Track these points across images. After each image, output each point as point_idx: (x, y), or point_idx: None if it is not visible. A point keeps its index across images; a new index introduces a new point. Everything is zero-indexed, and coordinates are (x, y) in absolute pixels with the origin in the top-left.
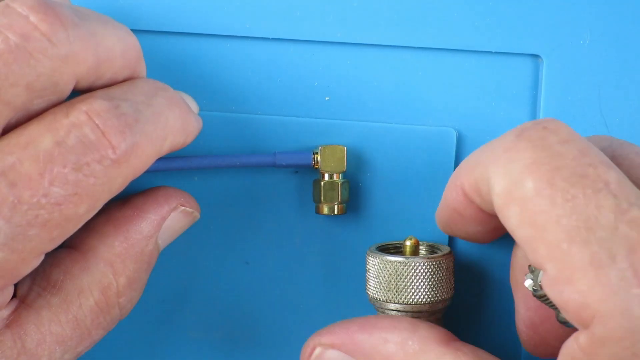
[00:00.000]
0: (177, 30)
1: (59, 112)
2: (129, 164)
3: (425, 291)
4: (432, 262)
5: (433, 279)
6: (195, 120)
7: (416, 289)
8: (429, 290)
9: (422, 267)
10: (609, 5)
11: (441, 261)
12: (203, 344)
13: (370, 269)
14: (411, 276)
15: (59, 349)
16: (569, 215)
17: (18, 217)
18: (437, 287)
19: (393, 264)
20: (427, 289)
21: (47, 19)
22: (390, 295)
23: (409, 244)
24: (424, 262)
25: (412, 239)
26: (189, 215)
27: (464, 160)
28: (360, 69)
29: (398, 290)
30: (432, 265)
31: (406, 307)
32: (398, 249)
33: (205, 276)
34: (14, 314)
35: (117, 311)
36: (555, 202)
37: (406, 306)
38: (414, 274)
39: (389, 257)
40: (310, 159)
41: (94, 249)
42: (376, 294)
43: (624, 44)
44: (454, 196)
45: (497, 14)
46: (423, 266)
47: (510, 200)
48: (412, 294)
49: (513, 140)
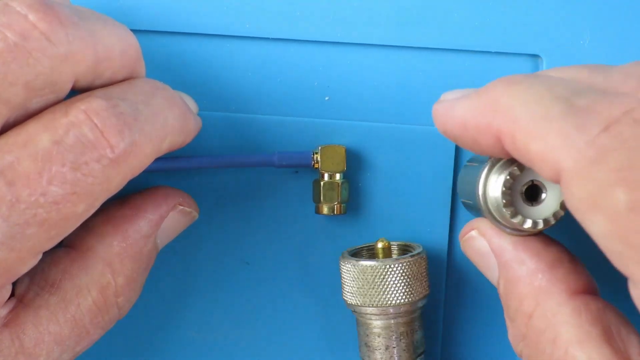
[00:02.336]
0: (177, 30)
1: (57, 111)
2: (128, 163)
3: (401, 292)
4: (404, 263)
5: (407, 279)
6: (195, 120)
7: (391, 291)
8: (405, 291)
9: (394, 269)
10: (609, 5)
11: (413, 261)
12: (203, 344)
13: (344, 275)
14: (385, 279)
15: (57, 348)
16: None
17: (16, 216)
18: (412, 287)
19: (366, 268)
20: (402, 289)
21: (46, 18)
22: (366, 299)
23: (380, 246)
24: (396, 264)
25: (384, 241)
26: (187, 215)
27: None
28: (360, 69)
29: (373, 294)
30: (405, 266)
31: (383, 310)
32: (370, 251)
33: (205, 276)
34: (12, 313)
35: (115, 311)
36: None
37: (383, 309)
38: (387, 277)
39: (361, 262)
40: (310, 159)
41: (93, 249)
42: (352, 299)
43: (624, 44)
44: (480, 133)
45: (497, 14)
46: (396, 268)
47: (594, 207)
48: (388, 296)
49: (599, 135)
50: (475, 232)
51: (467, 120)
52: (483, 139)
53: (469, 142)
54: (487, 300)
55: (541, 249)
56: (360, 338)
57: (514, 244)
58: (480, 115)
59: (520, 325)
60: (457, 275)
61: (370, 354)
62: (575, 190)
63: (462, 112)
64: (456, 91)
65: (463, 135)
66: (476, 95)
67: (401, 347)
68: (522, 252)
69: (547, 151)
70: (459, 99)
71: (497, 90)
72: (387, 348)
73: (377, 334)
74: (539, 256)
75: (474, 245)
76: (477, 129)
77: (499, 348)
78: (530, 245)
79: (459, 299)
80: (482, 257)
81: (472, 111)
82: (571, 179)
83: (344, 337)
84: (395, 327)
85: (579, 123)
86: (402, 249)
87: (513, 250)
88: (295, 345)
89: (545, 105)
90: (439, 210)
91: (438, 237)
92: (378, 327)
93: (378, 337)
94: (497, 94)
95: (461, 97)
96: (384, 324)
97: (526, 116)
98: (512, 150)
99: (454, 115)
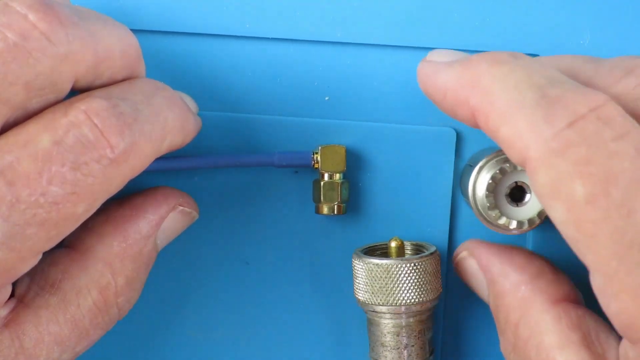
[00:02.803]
0: (177, 30)
1: (57, 111)
2: (128, 163)
3: (413, 292)
4: (418, 262)
5: (420, 279)
6: (194, 120)
7: (404, 290)
8: (417, 291)
9: (408, 269)
10: (609, 5)
11: (427, 261)
12: (203, 344)
13: (357, 273)
14: (398, 278)
15: (57, 348)
16: (623, 234)
17: (16, 216)
18: (424, 287)
19: (379, 267)
20: (415, 289)
21: (46, 18)
22: (379, 298)
23: (393, 245)
24: (410, 264)
25: (397, 240)
26: (187, 215)
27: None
28: (360, 69)
29: (386, 293)
30: (419, 266)
31: (395, 309)
32: (384, 250)
33: (205, 276)
34: (12, 313)
35: (115, 311)
36: (609, 215)
37: (395, 307)
38: (401, 276)
39: (375, 260)
40: (310, 159)
41: (93, 249)
42: (364, 297)
43: (624, 44)
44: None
45: (497, 14)
46: (409, 267)
47: (556, 196)
48: (401, 295)
49: (564, 129)
50: (466, 253)
51: (448, 90)
52: (460, 110)
53: (447, 110)
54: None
55: (525, 263)
56: (375, 338)
57: (500, 259)
58: (460, 89)
59: (509, 335)
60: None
61: (387, 353)
62: (539, 178)
63: (444, 81)
64: (443, 52)
65: (442, 102)
66: (460, 68)
67: (419, 346)
68: (507, 266)
69: (515, 137)
70: (443, 66)
71: (480, 68)
72: (405, 347)
73: (395, 332)
74: (523, 269)
75: (465, 265)
76: (456, 100)
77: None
78: (515, 259)
79: (459, 299)
80: (473, 276)
81: (453, 83)
82: (536, 166)
83: (344, 337)
84: (415, 326)
85: (548, 114)
86: (415, 248)
87: (499, 265)
88: (295, 345)
89: (521, 92)
90: (439, 210)
91: (438, 237)
92: (397, 325)
93: (397, 336)
94: (480, 72)
95: (446, 63)
96: (402, 323)
97: (502, 100)
98: (485, 129)
99: (436, 81)
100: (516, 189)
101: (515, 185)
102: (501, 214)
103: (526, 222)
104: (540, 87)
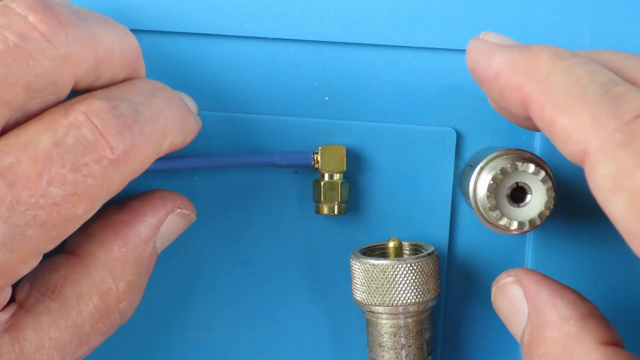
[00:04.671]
0: (177, 30)
1: (57, 113)
2: (128, 164)
3: (411, 292)
4: (415, 263)
5: (417, 279)
6: (195, 120)
7: (401, 290)
8: (415, 291)
9: (405, 269)
10: (608, 5)
11: (424, 261)
12: (204, 345)
13: (355, 273)
14: (395, 279)
15: (58, 354)
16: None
17: (16, 218)
18: (422, 288)
19: (376, 267)
20: (412, 290)
21: (46, 19)
22: (376, 298)
23: (391, 245)
24: (406, 264)
25: (395, 240)
26: (185, 218)
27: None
28: (360, 69)
29: (383, 293)
30: (416, 266)
31: (392, 310)
32: (383, 250)
33: (205, 276)
34: (13, 318)
35: (117, 316)
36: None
37: (392, 308)
38: (397, 277)
39: (371, 261)
40: (310, 159)
41: (93, 255)
42: (362, 297)
43: (624, 44)
44: (509, 90)
45: (497, 14)
46: (406, 268)
47: (617, 188)
48: (398, 296)
49: (629, 122)
50: (510, 279)
51: (502, 72)
52: (510, 96)
53: (494, 92)
54: (487, 300)
55: (576, 300)
56: (373, 338)
57: (551, 291)
58: (516, 74)
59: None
60: (457, 275)
61: (384, 354)
62: (600, 170)
63: (499, 63)
64: (498, 35)
65: (491, 84)
66: (518, 53)
67: (416, 346)
68: (557, 298)
69: (575, 128)
70: (499, 47)
71: (540, 57)
72: (403, 347)
73: (392, 333)
74: (574, 305)
75: (507, 291)
76: (509, 84)
77: (499, 348)
78: (566, 294)
79: (459, 299)
80: (513, 304)
81: (508, 66)
82: (597, 158)
83: (343, 337)
84: (413, 326)
85: (612, 108)
86: (414, 248)
87: (548, 295)
88: (294, 345)
89: (583, 86)
90: (439, 210)
91: (438, 237)
92: (394, 326)
93: (394, 337)
94: (540, 61)
95: (503, 46)
96: (399, 323)
97: (561, 90)
98: (537, 118)
99: (490, 62)
100: (517, 189)
101: (516, 186)
102: (502, 214)
103: (527, 223)
104: (602, 84)
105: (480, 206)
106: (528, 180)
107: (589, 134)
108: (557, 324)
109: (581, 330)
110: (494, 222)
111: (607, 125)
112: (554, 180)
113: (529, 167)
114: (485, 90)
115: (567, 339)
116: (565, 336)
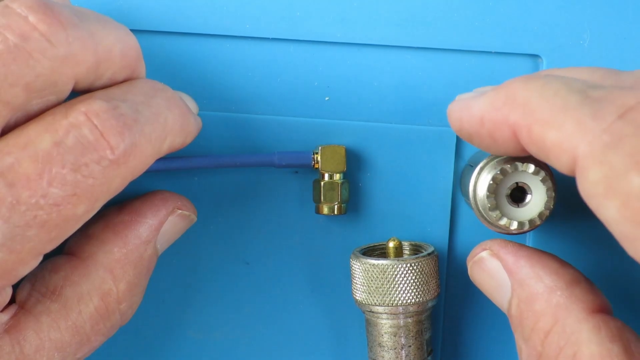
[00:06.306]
0: (177, 30)
1: (58, 113)
2: (128, 164)
3: (410, 292)
4: (414, 263)
5: (417, 279)
6: (195, 120)
7: (401, 290)
8: (414, 291)
9: (405, 269)
10: (608, 5)
11: (424, 261)
12: (205, 345)
13: (354, 273)
14: (395, 279)
15: (58, 355)
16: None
17: (16, 218)
18: (422, 287)
19: (376, 267)
20: (412, 289)
21: (46, 20)
22: (376, 298)
23: (391, 245)
24: (406, 264)
25: (395, 241)
26: (186, 219)
27: (512, 87)
28: (360, 69)
29: (383, 293)
30: (415, 266)
31: (392, 309)
32: (383, 250)
33: (205, 276)
34: (13, 319)
35: (117, 317)
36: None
37: (392, 308)
38: (397, 276)
39: (371, 261)
40: (310, 159)
41: (94, 256)
42: (362, 297)
43: (624, 44)
44: (497, 128)
45: (497, 14)
46: (406, 268)
47: (609, 192)
48: (397, 295)
49: (615, 122)
50: (487, 253)
51: (484, 115)
52: (499, 133)
53: (485, 139)
54: (487, 300)
55: (558, 268)
56: (373, 338)
57: (531, 262)
58: (498, 110)
59: (535, 343)
60: (457, 275)
61: (384, 353)
62: (590, 175)
63: (479, 108)
64: (470, 92)
65: (479, 132)
66: (493, 92)
67: (416, 346)
68: (539, 269)
69: (563, 139)
70: (475, 97)
71: (514, 85)
72: (403, 347)
73: (392, 333)
74: (557, 274)
75: (485, 266)
76: (494, 123)
77: (499, 348)
78: (548, 264)
79: (459, 299)
80: (493, 277)
81: (489, 106)
82: (586, 163)
83: (343, 336)
84: (412, 326)
85: (595, 111)
86: (414, 248)
87: (530, 267)
88: (294, 345)
89: (562, 97)
90: (439, 210)
91: (438, 237)
92: (394, 326)
93: (394, 337)
94: (514, 89)
95: (478, 95)
96: (399, 323)
97: (543, 108)
98: (528, 143)
99: (471, 112)
100: (517, 189)
101: (515, 186)
102: (502, 214)
103: (527, 223)
104: (581, 90)
105: (480, 206)
106: (528, 180)
107: (576, 141)
108: (544, 296)
109: (570, 300)
110: (494, 222)
111: (593, 129)
112: (554, 180)
113: (529, 167)
114: (477, 142)
115: (557, 310)
116: (554, 308)
